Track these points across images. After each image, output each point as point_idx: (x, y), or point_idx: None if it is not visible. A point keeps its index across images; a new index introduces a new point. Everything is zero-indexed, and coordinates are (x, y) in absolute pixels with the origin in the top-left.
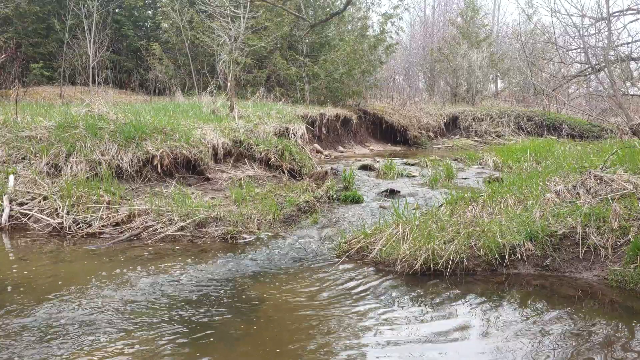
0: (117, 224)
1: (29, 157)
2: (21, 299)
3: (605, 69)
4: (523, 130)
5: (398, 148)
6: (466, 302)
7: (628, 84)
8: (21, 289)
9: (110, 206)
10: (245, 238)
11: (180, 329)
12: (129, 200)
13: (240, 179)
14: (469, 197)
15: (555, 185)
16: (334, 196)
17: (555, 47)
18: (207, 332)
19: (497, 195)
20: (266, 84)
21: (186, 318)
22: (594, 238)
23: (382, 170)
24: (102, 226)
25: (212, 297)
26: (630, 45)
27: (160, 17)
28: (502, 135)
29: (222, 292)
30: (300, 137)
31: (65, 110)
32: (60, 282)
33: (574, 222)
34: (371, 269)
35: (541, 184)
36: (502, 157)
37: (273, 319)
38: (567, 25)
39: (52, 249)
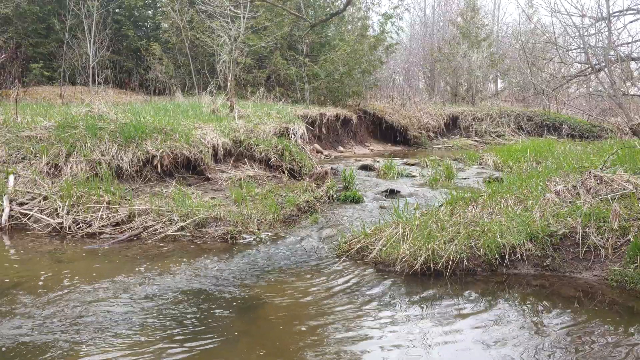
0: (117, 224)
1: (29, 157)
2: (21, 299)
3: (605, 69)
4: (523, 130)
5: (398, 148)
6: (466, 302)
7: (628, 84)
8: (21, 289)
9: (110, 206)
10: (245, 238)
11: (180, 329)
12: (129, 200)
13: (240, 179)
14: (469, 197)
15: (555, 185)
16: (334, 196)
17: (555, 47)
18: (207, 332)
19: (497, 195)
20: (266, 84)
21: (186, 318)
22: (594, 238)
23: (382, 170)
24: (102, 226)
25: (212, 297)
26: (630, 45)
27: (160, 17)
28: (502, 135)
29: (222, 292)
30: (300, 137)
31: (65, 110)
32: (60, 282)
33: (574, 222)
34: (371, 269)
35: (541, 184)
36: (502, 157)
37: (273, 319)
38: (567, 25)
39: (52, 249)
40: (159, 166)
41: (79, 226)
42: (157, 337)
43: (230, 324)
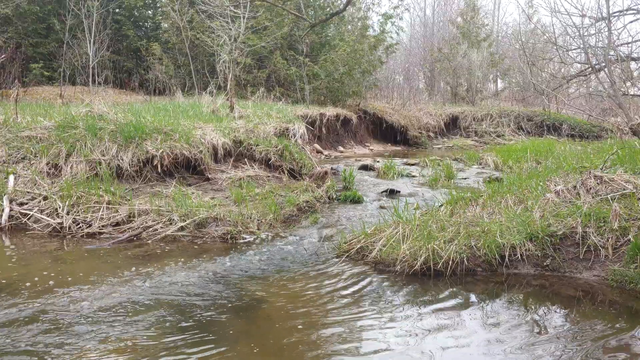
0: (117, 224)
1: (29, 157)
2: (21, 299)
3: (605, 69)
4: (523, 130)
5: (398, 148)
6: (466, 302)
7: (628, 84)
8: (21, 289)
9: (110, 206)
10: (245, 238)
11: (180, 329)
12: (129, 200)
13: (240, 179)
14: (469, 197)
15: (555, 185)
16: (334, 196)
17: (555, 47)
18: (207, 332)
19: (497, 195)
20: (266, 84)
21: (186, 318)
22: (594, 238)
23: (382, 170)
24: (102, 226)
25: (212, 297)
26: (630, 45)
27: (160, 17)
28: (502, 135)
29: (222, 292)
30: (300, 137)
31: (65, 110)
32: (60, 283)
33: (574, 222)
34: (371, 269)
35: (541, 184)
36: (502, 157)
37: (273, 319)
38: (567, 25)
39: (52, 249)
40: (159, 166)
41: (79, 226)
42: (156, 337)
43: (230, 323)
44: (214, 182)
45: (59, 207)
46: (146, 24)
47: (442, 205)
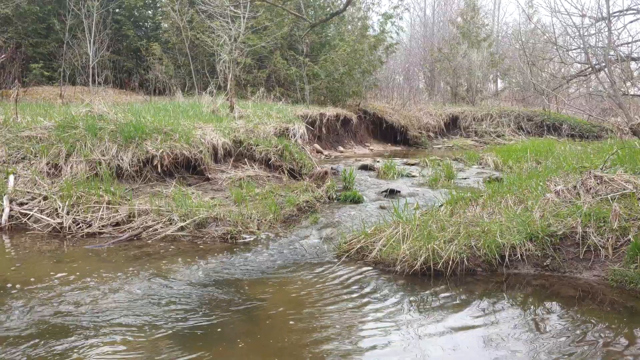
0: (117, 224)
1: (29, 157)
2: (21, 300)
3: (605, 69)
4: (523, 130)
5: (398, 148)
6: (466, 302)
7: (628, 84)
8: (21, 289)
9: (110, 206)
10: (245, 238)
11: (181, 329)
12: (129, 200)
13: (240, 179)
14: (469, 197)
15: (555, 185)
16: (334, 196)
17: (555, 47)
18: (208, 331)
19: (497, 195)
20: (266, 84)
21: (186, 318)
22: (594, 238)
23: (382, 170)
24: (102, 226)
25: (213, 297)
26: (630, 45)
27: (160, 17)
28: (502, 135)
29: (222, 292)
30: (300, 137)
31: (65, 110)
32: (60, 283)
33: (574, 222)
34: (371, 269)
35: (541, 184)
36: (502, 157)
37: (273, 319)
38: (567, 25)
39: (52, 249)
40: (159, 166)
41: (79, 226)
42: (156, 337)
43: (230, 324)
44: (214, 182)
45: (59, 207)
46: (146, 24)
47: (442, 205)
